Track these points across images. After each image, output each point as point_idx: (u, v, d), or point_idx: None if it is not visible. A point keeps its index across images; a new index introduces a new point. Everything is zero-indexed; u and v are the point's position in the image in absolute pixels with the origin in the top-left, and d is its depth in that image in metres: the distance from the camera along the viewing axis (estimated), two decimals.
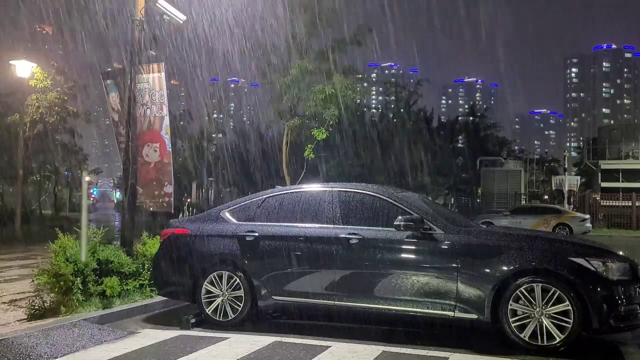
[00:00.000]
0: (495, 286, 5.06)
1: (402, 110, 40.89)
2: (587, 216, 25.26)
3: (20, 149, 17.57)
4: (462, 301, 5.17)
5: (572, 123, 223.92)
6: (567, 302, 4.87)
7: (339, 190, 6.10)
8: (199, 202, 32.14)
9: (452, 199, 48.99)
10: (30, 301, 6.17)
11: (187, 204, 13.89)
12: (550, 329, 4.90)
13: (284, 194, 6.51)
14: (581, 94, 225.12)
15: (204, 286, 6.12)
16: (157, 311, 6.89)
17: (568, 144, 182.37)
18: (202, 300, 6.11)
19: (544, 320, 4.92)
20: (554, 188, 35.04)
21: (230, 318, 5.99)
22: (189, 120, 34.42)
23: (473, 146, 44.55)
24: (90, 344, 5.14)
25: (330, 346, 5.06)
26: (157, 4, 8.24)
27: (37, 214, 23.05)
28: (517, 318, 5.01)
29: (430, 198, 15.35)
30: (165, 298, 6.82)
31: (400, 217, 5.48)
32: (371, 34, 16.78)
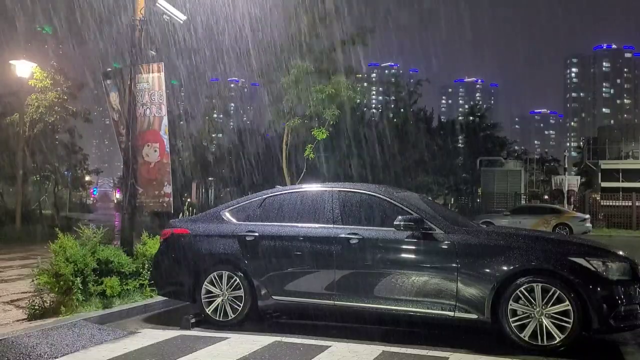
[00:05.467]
0: (495, 286, 5.06)
1: (402, 110, 40.88)
2: (587, 216, 25.26)
3: (20, 149, 17.56)
4: (462, 301, 5.16)
5: (572, 123, 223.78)
6: (567, 302, 4.87)
7: (339, 190, 6.11)
8: (199, 202, 32.12)
9: (452, 199, 48.96)
10: (30, 301, 6.17)
11: (187, 204, 13.89)
12: (550, 328, 4.90)
13: (284, 194, 6.51)
14: (581, 94, 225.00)
15: (204, 286, 6.12)
16: (157, 311, 6.89)
17: (568, 144, 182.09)
18: (202, 300, 6.12)
19: (544, 320, 4.92)
20: (554, 188, 35.03)
21: (230, 318, 5.99)
22: (189, 120, 34.40)
23: (473, 146, 44.54)
24: (90, 344, 5.14)
25: (330, 346, 5.06)
26: (157, 4, 8.24)
27: (37, 214, 23.00)
28: (517, 318, 5.01)
29: (430, 198, 15.35)
30: (165, 298, 6.82)
31: (400, 217, 5.48)
32: (372, 34, 16.81)
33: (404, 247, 5.51)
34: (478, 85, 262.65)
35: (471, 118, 48.93)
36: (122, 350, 4.96)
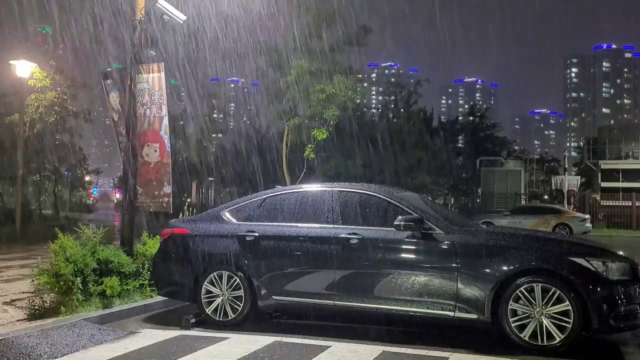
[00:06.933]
0: (495, 286, 5.06)
1: (402, 110, 40.87)
2: (587, 216, 25.26)
3: (20, 149, 17.57)
4: (462, 301, 5.16)
5: (572, 123, 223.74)
6: (567, 302, 4.87)
7: (339, 190, 6.10)
8: (199, 202, 32.13)
9: (452, 199, 48.95)
10: (30, 301, 6.17)
11: (187, 204, 13.88)
12: (550, 329, 4.90)
13: (284, 194, 6.51)
14: (581, 94, 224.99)
15: (204, 286, 6.12)
16: (157, 311, 6.89)
17: (568, 144, 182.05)
18: (202, 300, 6.12)
19: (544, 320, 4.92)
20: (554, 188, 35.05)
21: (230, 318, 5.99)
22: (188, 120, 34.45)
23: (473, 146, 44.54)
24: (90, 344, 5.14)
25: (330, 346, 5.06)
26: (157, 4, 8.23)
27: (37, 214, 23.00)
28: (517, 318, 5.01)
29: (430, 198, 15.35)
30: (165, 298, 6.82)
31: (400, 217, 5.48)
32: (372, 35, 16.83)
33: (404, 247, 5.51)
34: (478, 86, 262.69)
35: (471, 118, 48.91)
36: (122, 350, 4.96)
